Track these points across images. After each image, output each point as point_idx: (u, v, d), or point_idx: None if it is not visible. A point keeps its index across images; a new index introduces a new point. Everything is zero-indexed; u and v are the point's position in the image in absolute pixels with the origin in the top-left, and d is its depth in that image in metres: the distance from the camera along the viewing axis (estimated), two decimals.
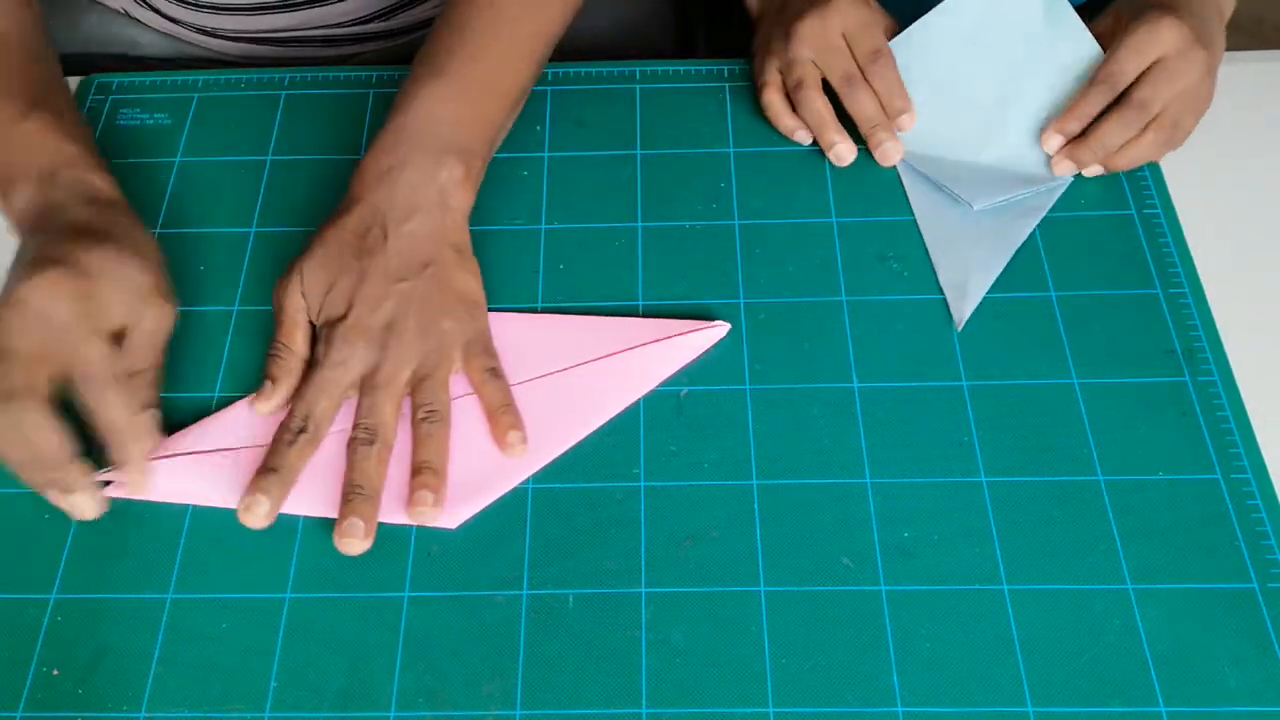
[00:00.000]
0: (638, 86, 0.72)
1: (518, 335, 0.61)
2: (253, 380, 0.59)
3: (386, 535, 0.55)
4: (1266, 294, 0.62)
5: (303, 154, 0.69)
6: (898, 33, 0.68)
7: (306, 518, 0.55)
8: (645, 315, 0.62)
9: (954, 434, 0.57)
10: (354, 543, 0.53)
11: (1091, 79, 0.65)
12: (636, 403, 0.58)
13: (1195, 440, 0.56)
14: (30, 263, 0.53)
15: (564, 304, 0.62)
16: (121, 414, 0.53)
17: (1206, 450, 0.56)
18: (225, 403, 0.59)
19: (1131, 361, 0.59)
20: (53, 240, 0.55)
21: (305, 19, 0.78)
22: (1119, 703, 0.49)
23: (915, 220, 0.65)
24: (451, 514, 0.55)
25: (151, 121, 0.71)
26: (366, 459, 0.55)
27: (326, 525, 0.55)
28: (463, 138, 0.61)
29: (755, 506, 0.55)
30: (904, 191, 0.67)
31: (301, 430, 0.55)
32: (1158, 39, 0.62)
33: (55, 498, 0.53)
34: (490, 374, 0.58)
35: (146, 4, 0.78)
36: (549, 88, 0.72)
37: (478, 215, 0.66)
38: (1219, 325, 0.60)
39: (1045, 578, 0.53)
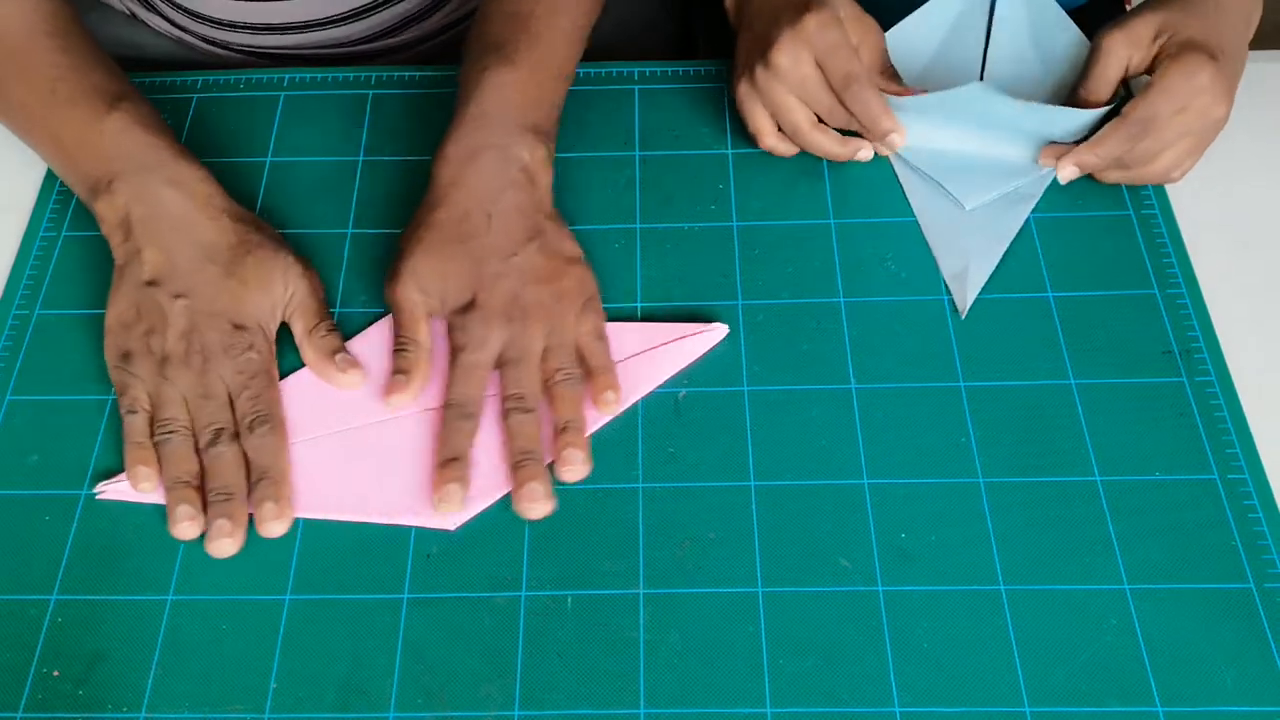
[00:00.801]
0: (637, 87, 0.72)
1: None
2: None
3: (385, 538, 0.55)
4: (1264, 295, 0.62)
5: (302, 155, 0.70)
6: (881, 31, 0.66)
7: (306, 520, 0.55)
8: (644, 316, 0.62)
9: (952, 435, 0.57)
10: (537, 506, 0.54)
11: (1123, 116, 0.61)
12: (635, 404, 0.59)
13: (1192, 441, 0.56)
14: (274, 246, 0.61)
15: None
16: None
17: (1204, 451, 0.56)
18: None
19: (1129, 362, 0.59)
20: (252, 228, 0.61)
21: (316, 39, 0.78)
22: (1116, 703, 0.49)
23: (914, 216, 0.65)
24: (451, 514, 0.55)
25: None
26: (527, 425, 0.56)
27: (326, 525, 0.55)
28: (537, 119, 0.63)
29: (753, 508, 0.55)
30: (901, 191, 0.67)
31: (468, 416, 0.56)
32: (1192, 86, 0.60)
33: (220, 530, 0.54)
34: (598, 337, 0.60)
35: (153, 9, 0.78)
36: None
37: None
38: (1216, 326, 0.60)
39: (1042, 578, 0.53)
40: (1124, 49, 0.62)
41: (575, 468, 0.56)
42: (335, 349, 0.59)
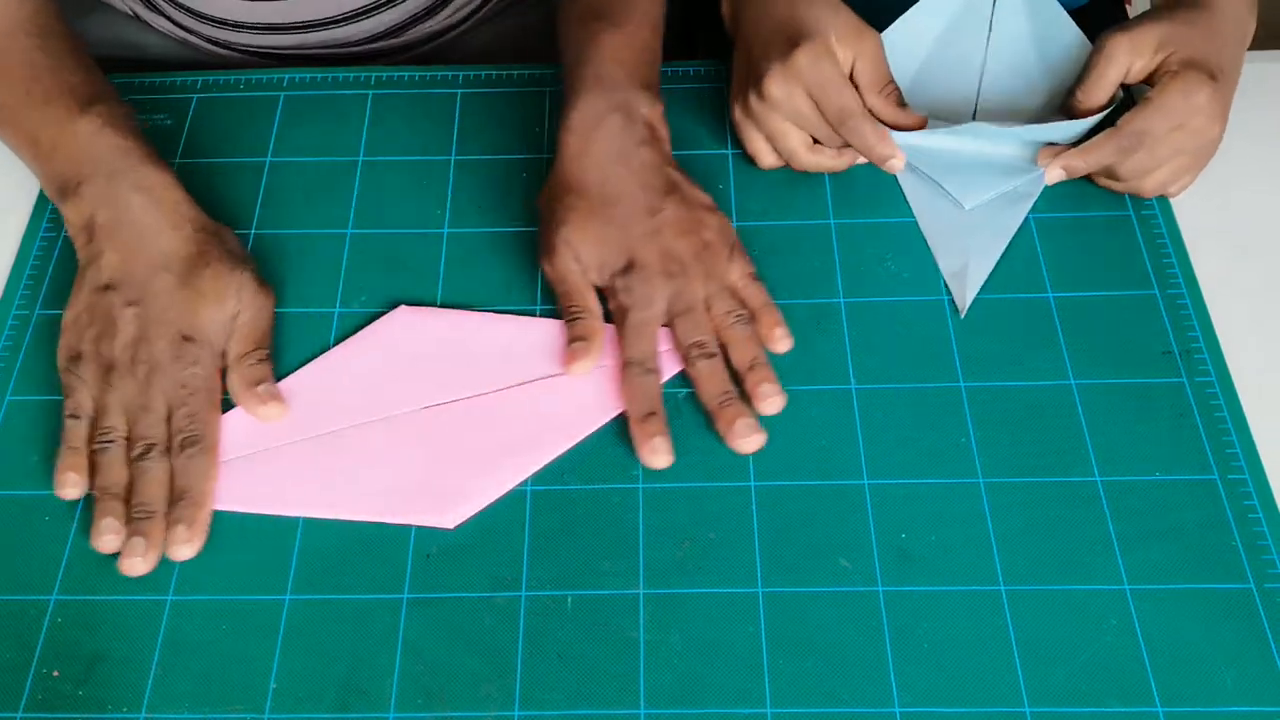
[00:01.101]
0: None
1: (512, 338, 0.61)
2: None
3: (385, 538, 0.55)
4: (1264, 295, 0.62)
5: (302, 155, 0.70)
6: (879, 40, 0.65)
7: (306, 520, 0.55)
8: None
9: (952, 435, 0.57)
10: (751, 440, 0.56)
11: (1117, 127, 0.61)
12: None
13: (1192, 441, 0.56)
14: (232, 261, 0.60)
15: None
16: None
17: (1204, 451, 0.56)
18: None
19: (1129, 363, 0.59)
20: (213, 238, 0.60)
21: (318, 39, 0.78)
22: (1116, 703, 0.49)
23: (913, 216, 0.65)
24: (450, 514, 0.55)
25: (151, 123, 0.71)
26: (715, 368, 0.58)
27: (326, 526, 0.55)
28: (648, 77, 0.65)
29: (753, 507, 0.55)
30: (901, 192, 0.67)
31: (650, 371, 0.58)
32: (1190, 105, 0.60)
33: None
34: (751, 278, 0.61)
35: (157, 10, 0.78)
36: (549, 88, 0.72)
37: (476, 218, 0.67)
38: (1216, 326, 0.60)
39: (1042, 578, 0.53)
40: (1126, 55, 0.62)
41: (773, 399, 0.57)
42: (258, 379, 0.58)
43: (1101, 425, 0.57)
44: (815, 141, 0.65)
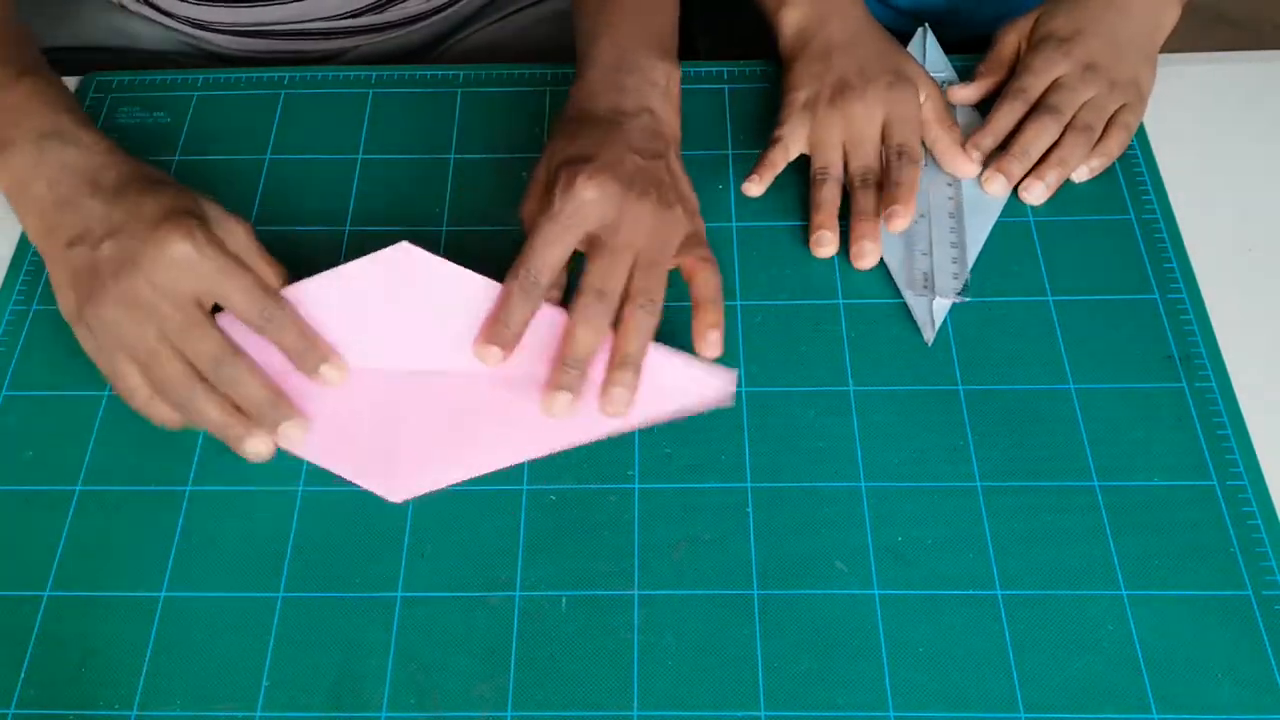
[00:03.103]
0: None
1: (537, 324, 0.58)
2: None
3: (379, 535, 0.55)
4: (1265, 300, 0.62)
5: (302, 153, 0.69)
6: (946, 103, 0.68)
7: (300, 517, 0.55)
8: None
9: (949, 438, 0.57)
10: (559, 401, 0.54)
11: (1000, 96, 0.68)
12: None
13: (1192, 447, 0.56)
14: (151, 220, 0.53)
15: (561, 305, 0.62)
16: (295, 334, 0.55)
17: (1203, 457, 0.56)
18: None
19: (1128, 367, 0.59)
20: (147, 192, 0.54)
21: (296, 12, 0.77)
22: (1112, 709, 0.49)
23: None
24: (400, 489, 0.55)
25: (151, 120, 0.71)
26: (597, 319, 0.54)
27: (321, 523, 0.55)
28: (669, 45, 0.65)
29: (749, 509, 0.55)
30: None
31: (535, 283, 0.54)
32: (1052, 66, 0.67)
33: (255, 444, 0.54)
34: (706, 262, 0.58)
35: None
36: (549, 88, 0.72)
37: (475, 218, 0.66)
38: (1217, 331, 0.60)
39: (1039, 583, 0.52)
40: (1012, 35, 0.70)
41: (616, 405, 0.55)
42: None
43: (1100, 430, 0.57)
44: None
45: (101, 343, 0.54)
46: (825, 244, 0.63)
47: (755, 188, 0.66)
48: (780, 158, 0.66)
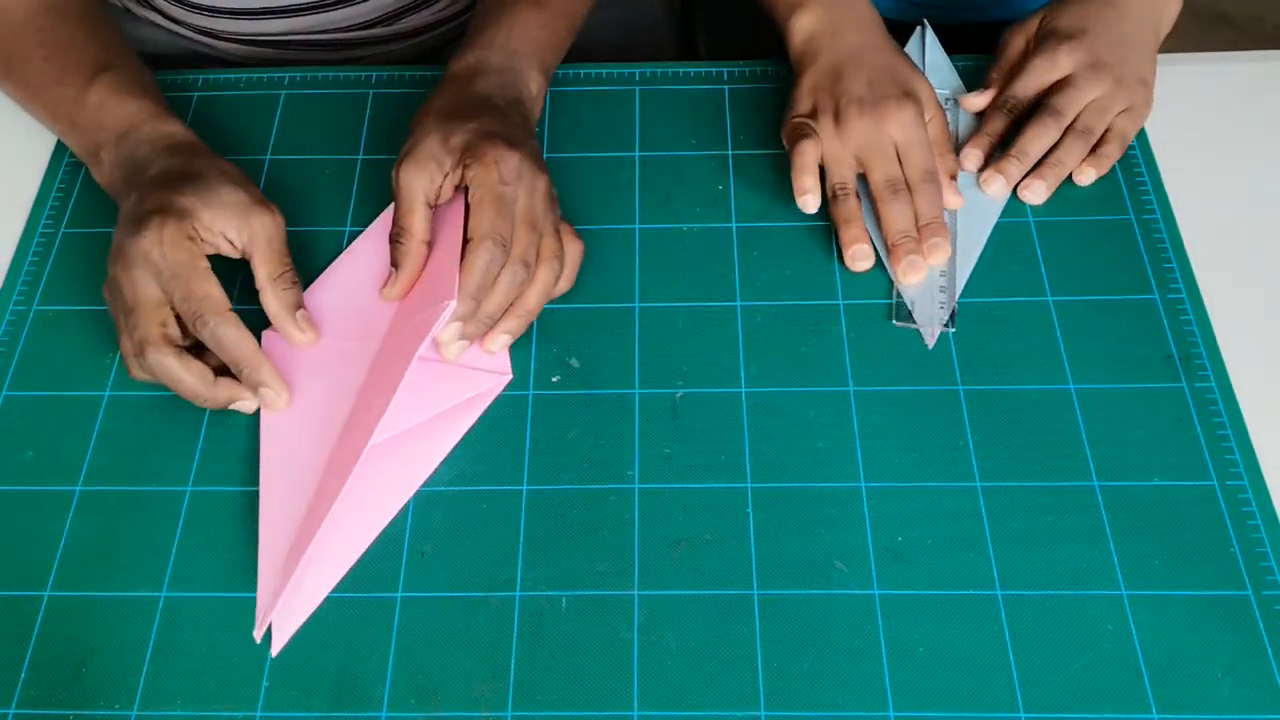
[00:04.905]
0: (637, 88, 0.72)
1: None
2: None
3: (380, 536, 0.55)
4: (1265, 300, 0.62)
5: (302, 153, 0.70)
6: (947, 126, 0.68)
7: None
8: (642, 316, 0.62)
9: (949, 438, 0.57)
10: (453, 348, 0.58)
11: (992, 106, 0.69)
12: (630, 405, 0.58)
13: (1192, 447, 0.56)
14: (131, 220, 0.57)
15: (559, 305, 0.62)
16: (229, 347, 0.56)
17: (1203, 457, 0.56)
18: None
19: (1128, 367, 0.59)
20: (144, 194, 0.58)
21: (306, 24, 0.78)
22: (1112, 709, 0.49)
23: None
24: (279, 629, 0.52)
25: None
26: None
27: None
28: (548, 60, 0.68)
29: (749, 509, 0.55)
30: None
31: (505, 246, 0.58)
32: (1055, 66, 0.67)
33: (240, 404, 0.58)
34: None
35: (148, 4, 0.78)
36: (548, 88, 0.72)
37: None
38: (1217, 332, 0.60)
39: (1039, 583, 0.52)
40: (1019, 37, 0.71)
41: (451, 346, 0.58)
42: (297, 304, 0.60)
43: (1100, 430, 0.57)
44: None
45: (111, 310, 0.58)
46: (863, 258, 0.63)
47: (813, 201, 0.64)
48: (808, 180, 0.65)
